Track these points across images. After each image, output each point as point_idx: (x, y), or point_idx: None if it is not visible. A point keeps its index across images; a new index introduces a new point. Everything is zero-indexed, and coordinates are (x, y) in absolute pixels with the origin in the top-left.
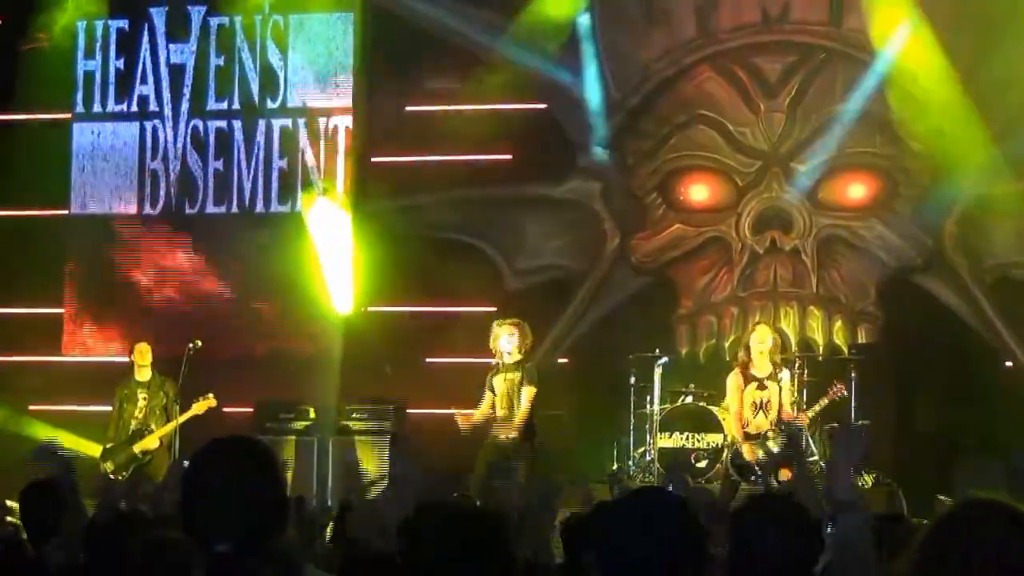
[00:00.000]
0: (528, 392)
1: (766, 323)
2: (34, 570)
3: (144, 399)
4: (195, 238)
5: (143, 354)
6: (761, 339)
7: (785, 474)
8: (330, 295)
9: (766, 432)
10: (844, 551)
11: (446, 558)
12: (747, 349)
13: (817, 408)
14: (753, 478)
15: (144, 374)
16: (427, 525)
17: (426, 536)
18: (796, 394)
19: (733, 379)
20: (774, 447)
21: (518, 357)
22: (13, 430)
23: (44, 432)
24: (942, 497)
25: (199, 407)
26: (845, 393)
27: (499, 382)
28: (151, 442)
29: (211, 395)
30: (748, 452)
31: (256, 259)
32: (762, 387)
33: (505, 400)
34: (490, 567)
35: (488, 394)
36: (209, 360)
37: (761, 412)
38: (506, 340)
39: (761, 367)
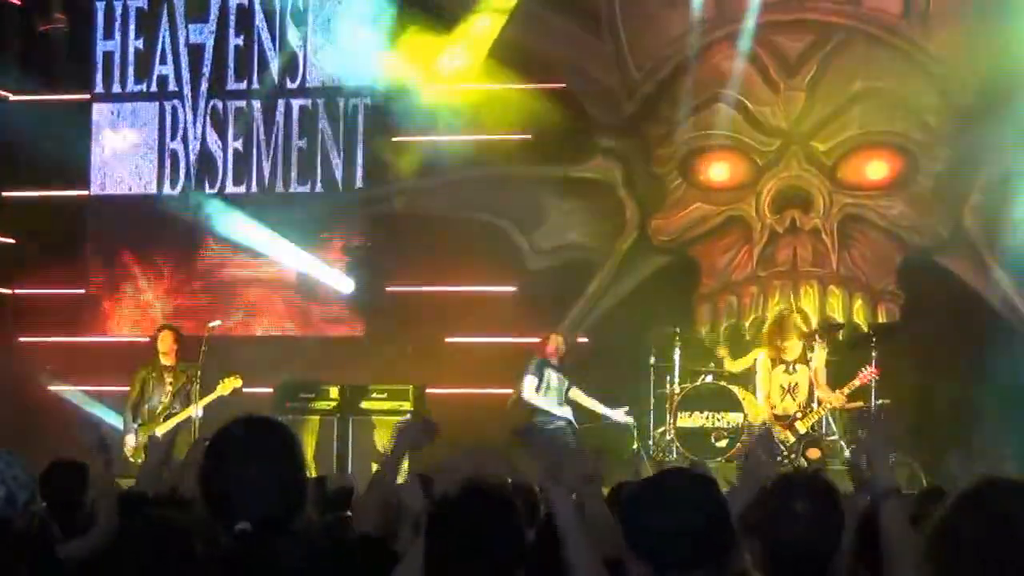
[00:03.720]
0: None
1: (788, 310)
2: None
3: (171, 383)
4: (214, 217)
5: (165, 342)
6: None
7: (814, 453)
8: (324, 281)
9: (795, 414)
10: (890, 539)
11: (458, 538)
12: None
13: (850, 388)
14: (780, 458)
15: (169, 359)
16: (443, 506)
17: (441, 517)
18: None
19: (763, 362)
20: (802, 429)
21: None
22: None
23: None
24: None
25: (225, 387)
26: (878, 377)
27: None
28: (172, 425)
29: (237, 375)
30: (782, 433)
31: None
32: (791, 371)
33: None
34: (503, 546)
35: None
36: (229, 340)
37: (789, 396)
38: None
39: (791, 351)
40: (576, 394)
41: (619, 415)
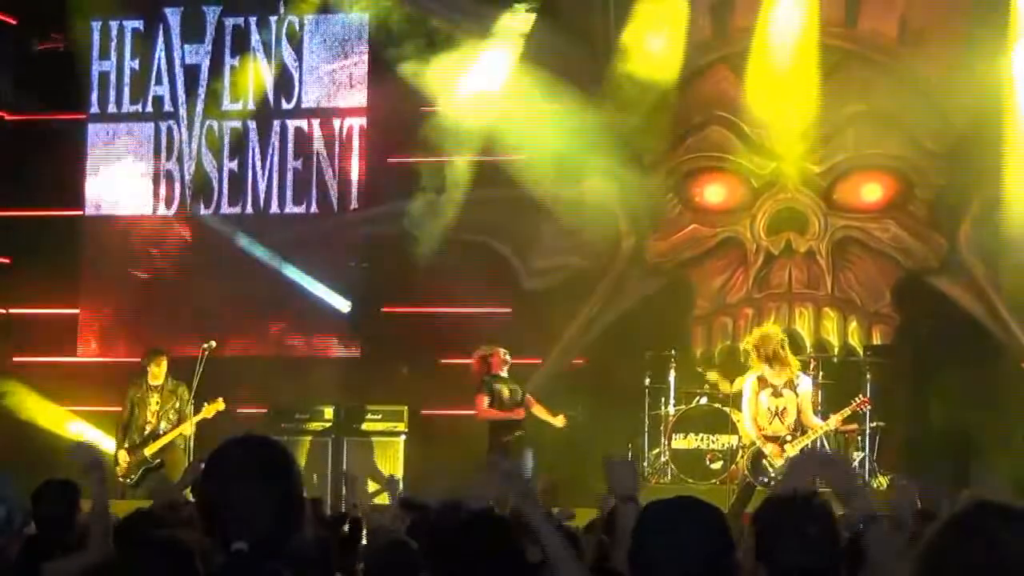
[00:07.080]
0: None
1: (769, 329)
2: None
3: (157, 403)
4: (209, 238)
5: (161, 366)
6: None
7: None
8: (321, 302)
9: (785, 436)
10: (877, 565)
11: (463, 561)
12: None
13: (840, 417)
14: (766, 479)
15: (157, 379)
16: (444, 528)
17: (443, 539)
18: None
19: (750, 386)
20: (792, 452)
21: None
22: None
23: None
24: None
25: (208, 411)
26: (869, 407)
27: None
28: (160, 445)
29: (220, 399)
30: (773, 454)
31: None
32: (777, 394)
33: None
34: (505, 569)
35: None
36: (224, 360)
37: (777, 419)
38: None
39: (776, 374)
40: (528, 400)
41: (558, 421)
